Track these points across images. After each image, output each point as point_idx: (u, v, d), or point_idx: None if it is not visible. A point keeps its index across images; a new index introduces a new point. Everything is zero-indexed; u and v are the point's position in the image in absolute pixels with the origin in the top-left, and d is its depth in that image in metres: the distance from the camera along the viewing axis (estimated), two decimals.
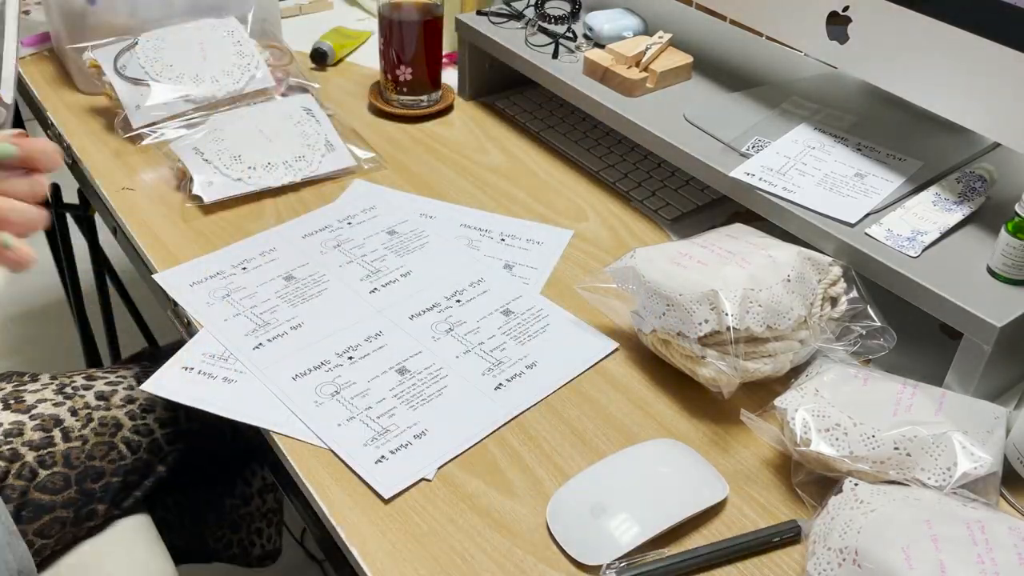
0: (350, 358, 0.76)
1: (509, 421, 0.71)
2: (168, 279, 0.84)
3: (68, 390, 0.87)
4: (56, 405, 0.85)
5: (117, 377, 0.91)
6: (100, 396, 0.88)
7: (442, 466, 0.67)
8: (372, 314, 0.81)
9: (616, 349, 0.78)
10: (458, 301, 0.82)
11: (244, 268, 0.85)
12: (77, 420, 0.85)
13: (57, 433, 0.83)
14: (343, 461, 0.67)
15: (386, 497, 0.65)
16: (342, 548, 0.63)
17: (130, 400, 0.88)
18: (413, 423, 0.70)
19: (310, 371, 0.74)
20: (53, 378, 0.89)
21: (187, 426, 0.91)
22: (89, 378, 0.90)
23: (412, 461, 0.67)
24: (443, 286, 0.84)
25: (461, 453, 0.68)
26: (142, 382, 0.75)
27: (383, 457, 0.67)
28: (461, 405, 0.72)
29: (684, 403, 0.74)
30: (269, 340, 0.77)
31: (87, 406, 0.86)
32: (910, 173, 0.83)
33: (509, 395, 0.73)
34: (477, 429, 0.70)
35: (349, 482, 0.66)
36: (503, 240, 0.91)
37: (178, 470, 0.90)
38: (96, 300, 1.52)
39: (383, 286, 0.84)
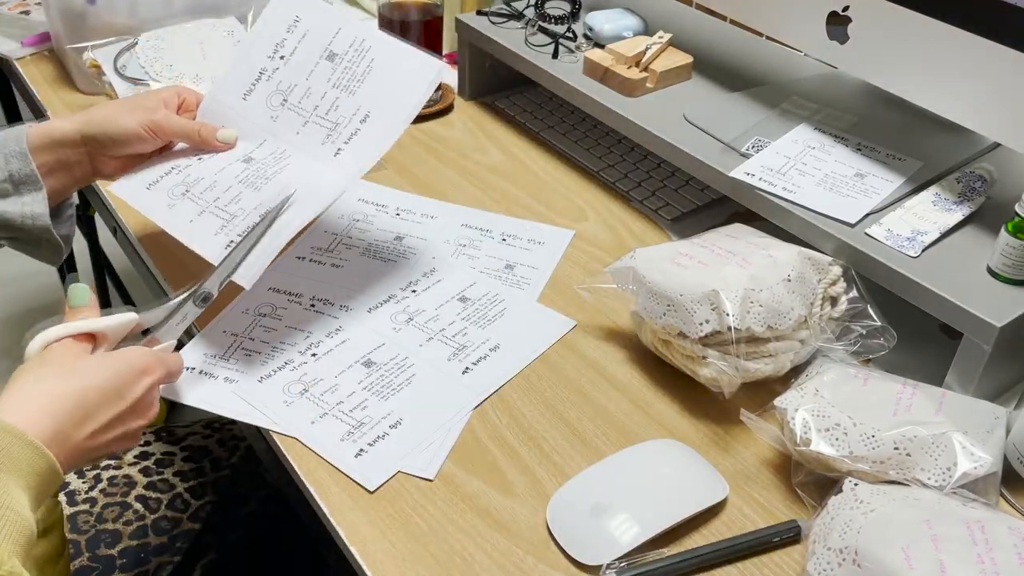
0: (313, 355, 0.76)
1: (482, 403, 0.72)
2: (123, 187, 0.80)
3: None
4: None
5: None
6: (111, 455, 0.82)
7: (441, 465, 0.67)
8: (331, 310, 0.81)
9: (575, 326, 0.80)
10: (413, 291, 0.83)
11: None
12: (84, 482, 0.80)
13: (62, 497, 0.78)
14: (323, 458, 0.68)
15: (371, 489, 0.65)
16: (342, 548, 0.63)
17: (144, 456, 0.83)
18: (387, 413, 0.71)
19: (275, 372, 0.74)
20: None
21: (214, 476, 0.85)
22: None
23: (391, 451, 0.68)
24: (397, 278, 0.84)
25: (441, 442, 0.69)
26: (160, 437, 0.73)
27: (362, 451, 0.68)
28: (432, 391, 0.73)
29: (684, 403, 0.74)
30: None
31: (95, 466, 0.82)
32: (910, 173, 0.83)
33: (477, 377, 0.74)
34: (451, 412, 0.71)
35: (349, 482, 0.66)
36: (504, 240, 0.91)
37: (222, 533, 0.83)
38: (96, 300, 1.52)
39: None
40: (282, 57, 0.81)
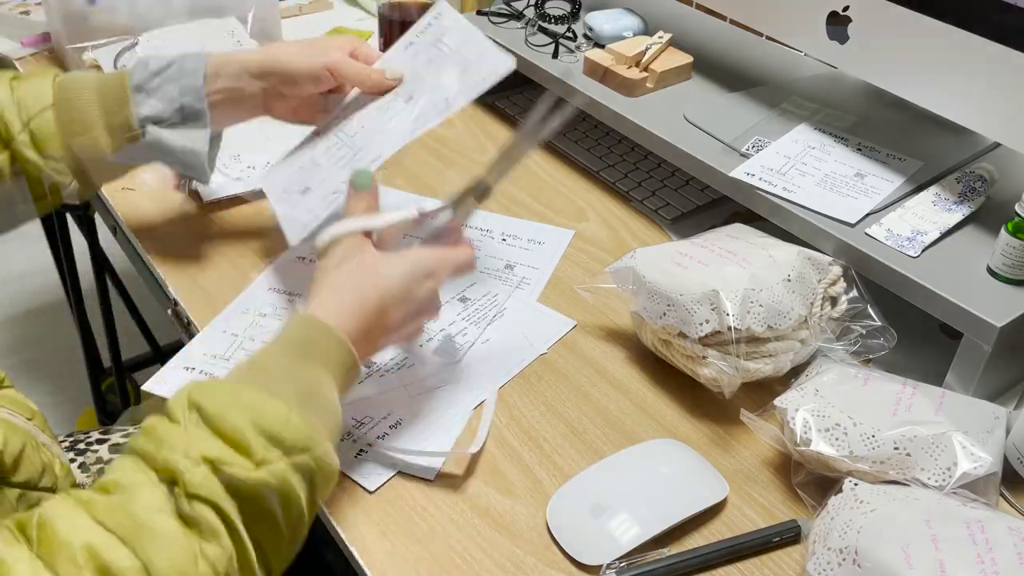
0: None
1: (482, 403, 0.72)
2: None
3: (81, 446, 0.84)
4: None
5: (136, 429, 0.85)
6: (115, 449, 0.83)
7: (441, 465, 0.67)
8: None
9: (575, 326, 0.80)
10: None
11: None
12: (88, 476, 0.81)
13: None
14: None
15: (371, 489, 0.65)
16: (342, 548, 0.63)
17: None
18: (387, 413, 0.71)
19: None
20: (68, 435, 0.86)
21: None
22: (105, 432, 0.86)
23: (390, 451, 0.68)
24: None
25: (442, 442, 0.69)
26: None
27: (362, 451, 0.68)
28: (429, 393, 0.73)
29: (684, 403, 0.74)
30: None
31: (99, 460, 0.82)
32: (910, 173, 0.83)
33: (477, 378, 0.74)
34: (451, 413, 0.71)
35: (349, 482, 0.66)
36: (504, 240, 0.91)
37: None
38: (96, 300, 1.52)
39: None
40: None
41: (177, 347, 0.77)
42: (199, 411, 0.53)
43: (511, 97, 1.15)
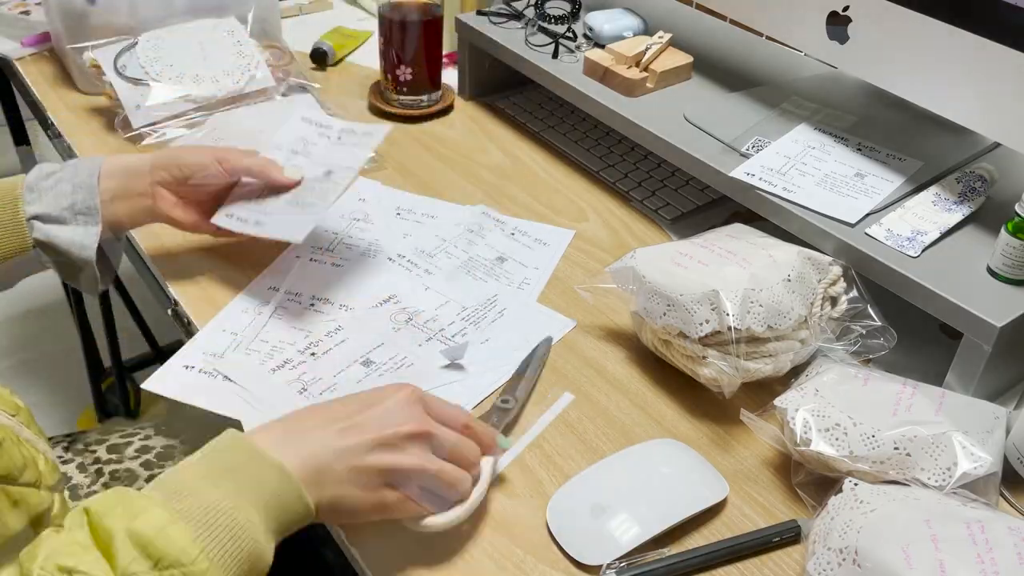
0: (312, 354, 0.76)
1: (481, 403, 0.72)
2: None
3: (79, 446, 0.84)
4: (64, 463, 0.81)
5: (134, 429, 0.86)
6: (113, 449, 0.83)
7: None
8: (331, 309, 0.81)
9: (575, 326, 0.80)
10: (413, 291, 0.84)
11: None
12: (86, 476, 0.81)
13: (65, 493, 0.75)
14: None
15: None
16: (342, 548, 0.63)
17: (145, 450, 0.83)
18: None
19: (274, 371, 0.74)
20: (67, 435, 0.86)
21: None
22: (104, 432, 0.86)
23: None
24: (397, 278, 0.86)
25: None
26: (160, 431, 0.72)
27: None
28: (431, 392, 0.72)
29: (684, 403, 0.74)
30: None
31: (97, 460, 0.82)
32: (910, 173, 0.83)
33: (477, 378, 0.74)
34: None
35: None
36: (512, 235, 0.91)
37: None
38: (96, 300, 1.52)
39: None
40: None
41: (177, 347, 0.77)
42: (87, 513, 0.51)
43: (511, 98, 1.15)
